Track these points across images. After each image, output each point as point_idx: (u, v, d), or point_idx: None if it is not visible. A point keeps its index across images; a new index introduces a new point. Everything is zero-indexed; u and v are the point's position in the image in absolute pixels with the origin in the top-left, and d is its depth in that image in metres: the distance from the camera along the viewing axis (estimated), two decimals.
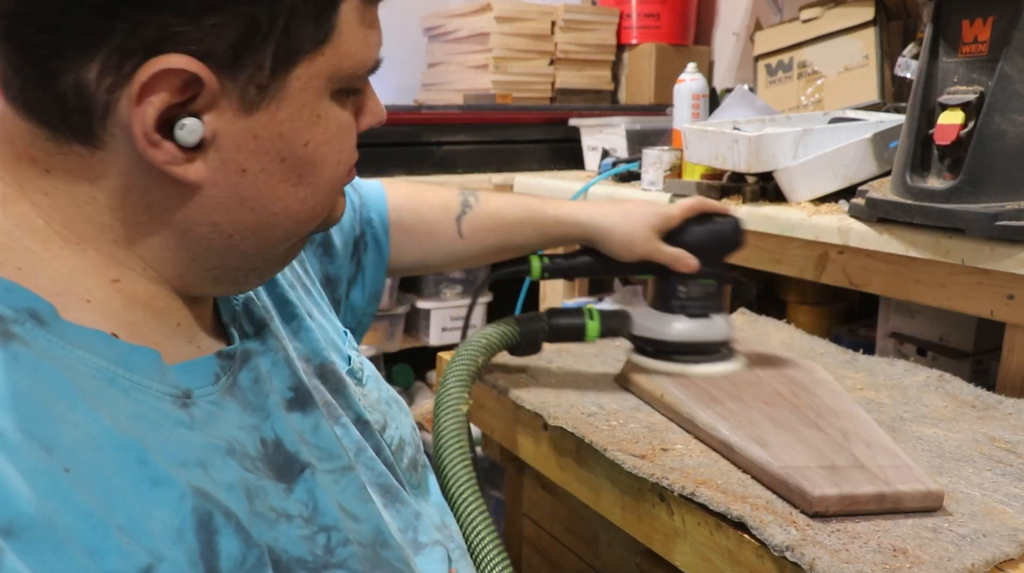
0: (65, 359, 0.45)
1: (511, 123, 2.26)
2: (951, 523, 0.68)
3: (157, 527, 0.44)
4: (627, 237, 0.93)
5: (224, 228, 0.51)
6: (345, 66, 0.51)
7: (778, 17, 2.23)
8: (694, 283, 0.95)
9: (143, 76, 0.44)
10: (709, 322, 0.96)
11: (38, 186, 0.49)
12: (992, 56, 1.04)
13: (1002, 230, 1.00)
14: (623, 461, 0.79)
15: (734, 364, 0.98)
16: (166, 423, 0.48)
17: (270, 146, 0.49)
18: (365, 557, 0.55)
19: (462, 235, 0.94)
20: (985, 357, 1.34)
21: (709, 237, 0.96)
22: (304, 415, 0.58)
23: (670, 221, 0.95)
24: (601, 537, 1.04)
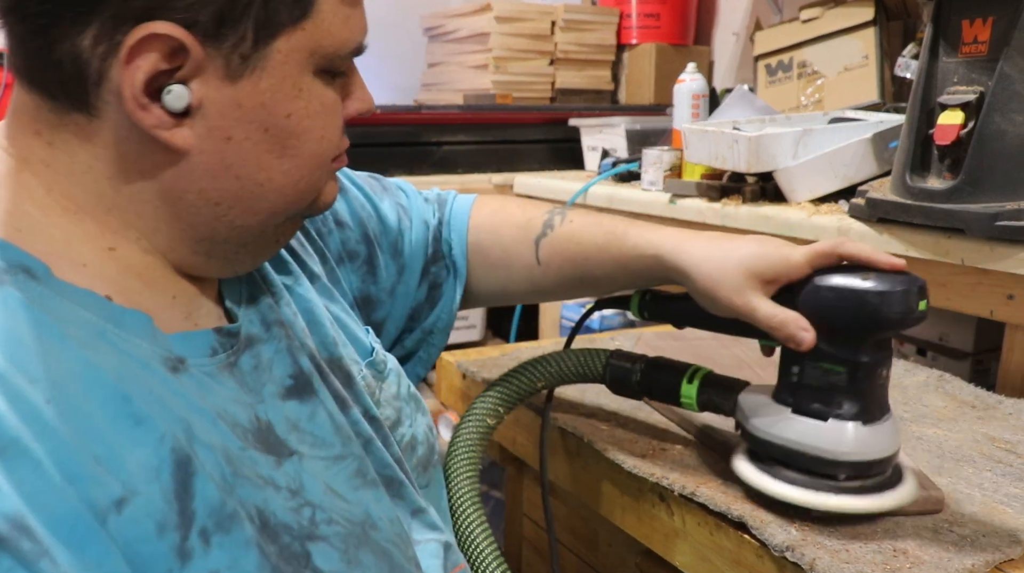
0: (56, 309, 0.47)
1: (511, 123, 2.27)
2: (951, 523, 0.68)
3: (134, 463, 0.46)
4: (711, 282, 0.70)
5: (211, 195, 0.53)
6: (326, 44, 0.53)
7: (778, 17, 2.23)
8: (812, 366, 0.67)
9: (131, 40, 0.47)
10: (818, 427, 0.66)
11: (40, 157, 0.51)
12: (992, 56, 1.04)
13: (1002, 230, 1.00)
14: (623, 461, 0.79)
15: (869, 499, 0.66)
16: (152, 379, 0.50)
17: (253, 115, 0.52)
18: (351, 535, 0.56)
19: (540, 261, 0.80)
20: (985, 357, 1.34)
21: (840, 300, 0.65)
22: (301, 403, 0.60)
23: (789, 269, 0.68)
24: (601, 537, 1.04)
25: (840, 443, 0.65)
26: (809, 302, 0.67)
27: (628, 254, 0.75)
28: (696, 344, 1.06)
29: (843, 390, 0.66)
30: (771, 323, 0.67)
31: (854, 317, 0.65)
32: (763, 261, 0.68)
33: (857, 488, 0.66)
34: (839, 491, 0.66)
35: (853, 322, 0.65)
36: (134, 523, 0.45)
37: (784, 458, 0.68)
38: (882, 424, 0.67)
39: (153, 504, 0.46)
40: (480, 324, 2.30)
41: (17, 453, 0.42)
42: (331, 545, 0.55)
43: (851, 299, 0.65)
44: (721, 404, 0.74)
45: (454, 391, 1.09)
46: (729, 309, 0.69)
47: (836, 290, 0.65)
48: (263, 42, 0.50)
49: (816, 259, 0.67)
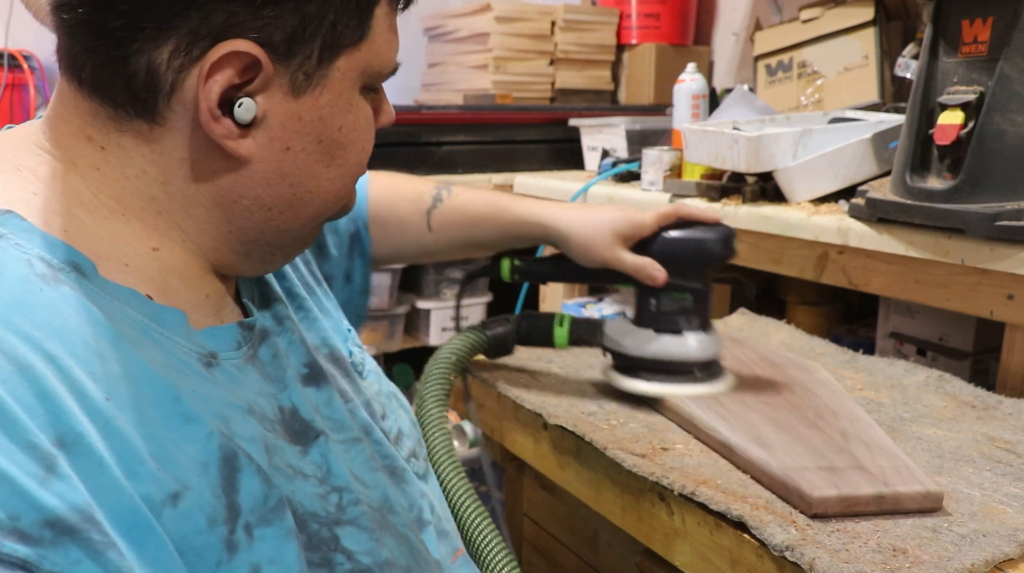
0: (106, 306, 0.49)
1: (511, 123, 2.26)
2: (951, 523, 0.68)
3: (185, 459, 0.48)
4: (585, 242, 0.90)
5: (265, 201, 0.56)
6: (374, 63, 0.57)
7: (778, 17, 2.23)
8: (666, 296, 0.90)
9: (214, 56, 0.50)
10: (679, 340, 0.90)
11: (91, 162, 0.53)
12: (992, 56, 1.04)
13: (1002, 230, 1.00)
14: (623, 460, 0.79)
15: (711, 387, 0.91)
16: (193, 376, 0.52)
17: (311, 128, 0.55)
18: (374, 518, 0.59)
19: (431, 229, 0.95)
20: (985, 357, 1.34)
21: (682, 246, 0.89)
22: (318, 390, 0.63)
23: (640, 229, 0.90)
24: (601, 537, 1.04)
25: (695, 349, 0.90)
26: (659, 250, 0.89)
27: (513, 222, 0.93)
28: None
29: (690, 310, 0.90)
30: (635, 267, 0.89)
31: (693, 257, 0.89)
32: (623, 223, 0.89)
33: (707, 378, 0.91)
34: (698, 381, 0.90)
35: (693, 260, 0.89)
36: (187, 517, 0.47)
37: (656, 367, 0.90)
38: (714, 334, 0.92)
39: (204, 499, 0.48)
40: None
41: (83, 448, 0.43)
42: (359, 526, 0.57)
43: (690, 245, 0.89)
44: (590, 338, 0.95)
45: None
46: (602, 261, 0.90)
47: (679, 239, 0.89)
48: (327, 61, 0.54)
49: (661, 219, 0.90)
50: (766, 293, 1.73)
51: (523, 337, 0.97)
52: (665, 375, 0.90)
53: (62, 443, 0.43)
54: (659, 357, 0.90)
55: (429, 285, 2.21)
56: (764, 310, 1.36)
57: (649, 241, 0.90)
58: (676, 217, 0.90)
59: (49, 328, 0.45)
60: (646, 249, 0.89)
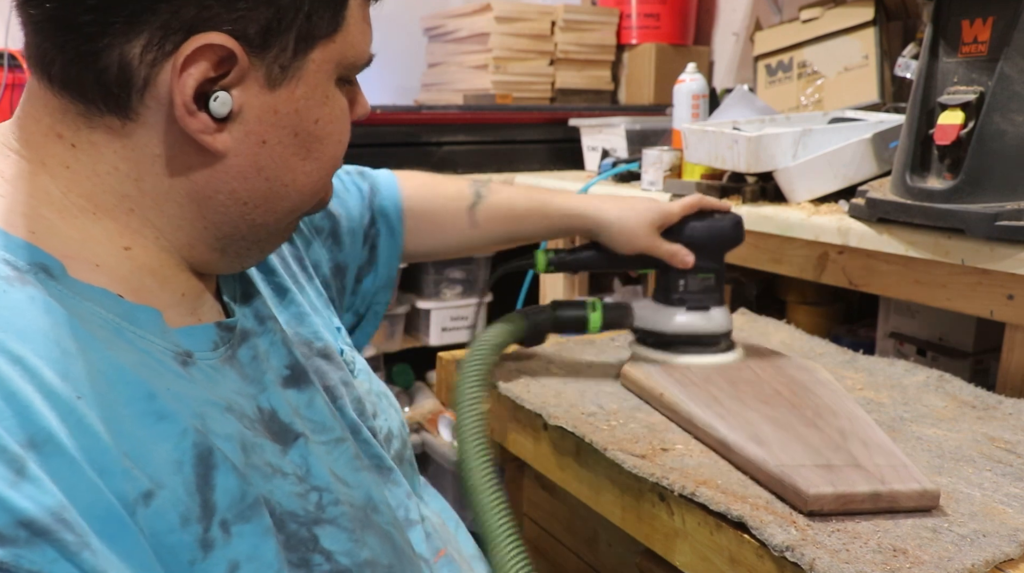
0: (76, 307, 0.49)
1: (511, 123, 2.26)
2: (951, 523, 0.68)
3: (158, 457, 0.47)
4: (628, 231, 0.97)
5: (240, 195, 0.55)
6: (349, 55, 0.57)
7: (778, 17, 2.23)
8: (693, 277, 0.99)
9: (187, 50, 0.49)
10: (707, 315, 0.99)
11: (61, 160, 0.52)
12: (992, 56, 1.04)
13: (1002, 230, 1.00)
14: (623, 461, 0.79)
15: (732, 356, 1.01)
16: (168, 374, 0.51)
17: (287, 120, 0.55)
18: (355, 517, 0.58)
19: (474, 224, 0.98)
20: (985, 357, 1.34)
21: (707, 233, 0.99)
22: (299, 391, 0.62)
23: (670, 218, 0.98)
24: (601, 537, 1.04)
25: (721, 322, 1.00)
26: (687, 236, 0.99)
27: (556, 214, 0.99)
28: None
29: (713, 289, 1.00)
30: (670, 253, 0.98)
31: (715, 241, 1.00)
32: (656, 214, 0.97)
33: (727, 348, 1.01)
34: (721, 351, 1.00)
35: (715, 245, 1.00)
36: (160, 515, 0.46)
37: (690, 341, 1.00)
38: (727, 310, 1.02)
39: (177, 497, 0.47)
40: (480, 324, 2.30)
41: (54, 448, 0.43)
42: (338, 526, 0.57)
43: (711, 230, 0.99)
44: (621, 321, 1.02)
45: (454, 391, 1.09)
46: (642, 248, 0.98)
47: (703, 226, 0.99)
48: (302, 53, 0.53)
49: (685, 210, 0.99)
50: (766, 293, 1.73)
51: (558, 324, 1.01)
52: (696, 347, 0.99)
53: (32, 444, 0.42)
54: (694, 332, 0.99)
55: (429, 285, 2.21)
56: (764, 310, 1.36)
57: (676, 229, 0.99)
58: (697, 207, 0.99)
59: (12, 329, 0.45)
60: (675, 236, 0.99)
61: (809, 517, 0.68)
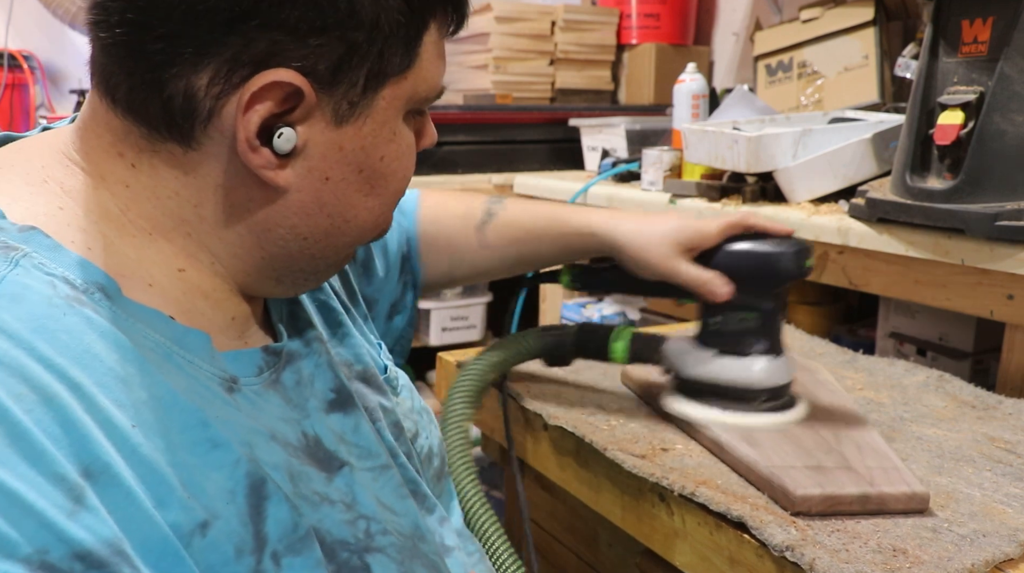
0: (130, 330, 0.48)
1: (511, 123, 2.26)
2: (951, 523, 0.68)
3: (212, 487, 0.46)
4: (643, 252, 0.83)
5: (301, 231, 0.54)
6: (421, 90, 0.55)
7: (778, 17, 2.23)
8: (729, 314, 0.81)
9: (254, 86, 0.48)
10: (742, 362, 0.81)
11: (120, 178, 0.51)
12: (992, 56, 1.04)
13: (1002, 230, 1.00)
14: (623, 461, 0.79)
15: (776, 416, 0.82)
16: (216, 401, 0.50)
17: (352, 158, 0.53)
18: (404, 547, 0.57)
19: (483, 245, 0.90)
20: (985, 357, 1.34)
21: (747, 261, 0.81)
22: (345, 415, 0.60)
23: (704, 238, 0.82)
24: (601, 537, 1.04)
25: (758, 373, 0.81)
26: (724, 263, 0.81)
27: (567, 233, 0.87)
28: None
29: (756, 332, 0.81)
30: (696, 282, 0.81)
31: (761, 273, 0.81)
32: (684, 233, 0.82)
33: (772, 408, 0.82)
34: (760, 411, 0.81)
35: (760, 277, 0.81)
36: (215, 547, 0.45)
37: (716, 391, 0.82)
38: (783, 357, 0.83)
39: (231, 528, 0.46)
40: (480, 324, 2.30)
41: (111, 478, 0.42)
42: (388, 556, 0.55)
43: (757, 259, 0.80)
44: (649, 355, 0.87)
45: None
46: (659, 273, 0.83)
47: (746, 253, 0.81)
48: (372, 90, 0.52)
49: (726, 230, 0.82)
50: None
51: (579, 349, 0.90)
52: (727, 401, 0.82)
53: (89, 473, 0.41)
54: (720, 380, 0.82)
55: None
56: None
57: (713, 253, 0.82)
58: (743, 227, 0.82)
59: (72, 354, 0.44)
60: (709, 261, 0.82)
61: (808, 517, 0.68)
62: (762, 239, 0.81)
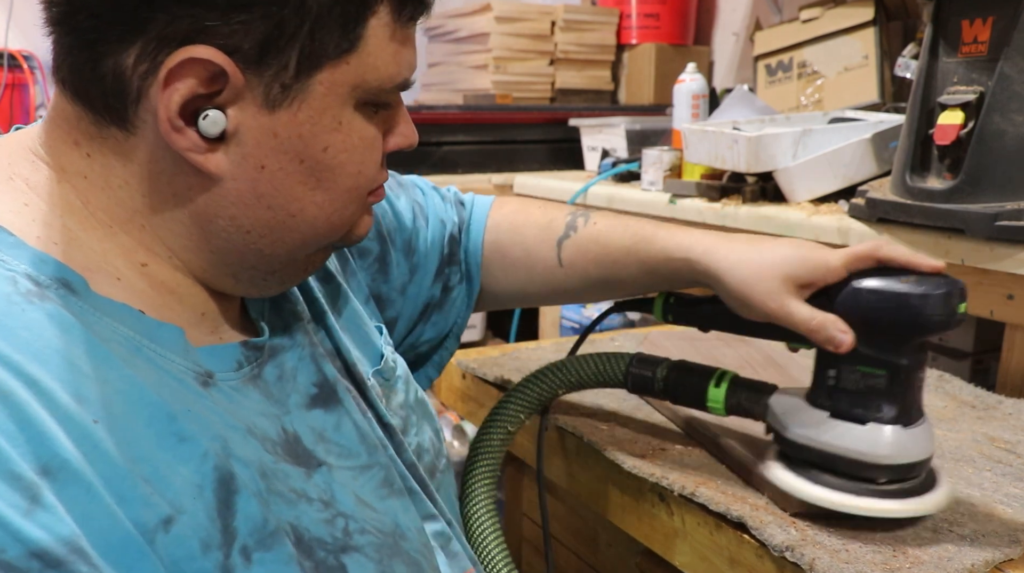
0: (96, 325, 0.47)
1: (511, 123, 2.26)
2: (951, 523, 0.68)
3: (179, 481, 0.46)
4: (744, 287, 0.68)
5: (242, 223, 0.52)
6: (370, 78, 0.52)
7: (778, 17, 2.23)
8: (850, 369, 0.66)
9: (171, 63, 0.47)
10: (860, 431, 0.65)
11: (78, 169, 0.51)
12: (992, 56, 1.04)
13: (1002, 230, 1.00)
14: (623, 461, 0.79)
15: (902, 503, 0.65)
16: (188, 394, 0.50)
17: (289, 146, 0.51)
18: (384, 545, 0.56)
19: (561, 263, 0.79)
20: (985, 357, 1.34)
21: (878, 303, 0.64)
22: (326, 412, 0.59)
23: (825, 273, 0.66)
24: (601, 537, 1.04)
25: (880, 446, 0.64)
26: (848, 305, 0.65)
27: (656, 257, 0.74)
28: (701, 345, 1.06)
29: (882, 393, 0.65)
30: (809, 326, 0.66)
31: (895, 320, 0.64)
32: (800, 265, 0.67)
33: (896, 491, 0.65)
34: (879, 495, 0.65)
35: (894, 325, 0.64)
36: (180, 542, 0.45)
37: (823, 462, 0.66)
38: (919, 427, 0.66)
39: (198, 522, 0.46)
40: (480, 324, 2.30)
41: (69, 475, 0.42)
42: (365, 556, 0.55)
43: (892, 301, 0.63)
44: (751, 408, 0.72)
45: (454, 391, 1.09)
46: (764, 314, 0.68)
47: (877, 293, 0.64)
48: (305, 73, 0.49)
49: (853, 262, 0.66)
50: None
51: (668, 390, 0.77)
52: (837, 477, 0.66)
53: (46, 471, 0.41)
54: (829, 450, 0.66)
55: None
56: None
57: (836, 290, 0.66)
58: (875, 260, 0.66)
59: (30, 350, 0.43)
60: (830, 302, 0.66)
61: (808, 518, 0.68)
62: (900, 276, 0.64)
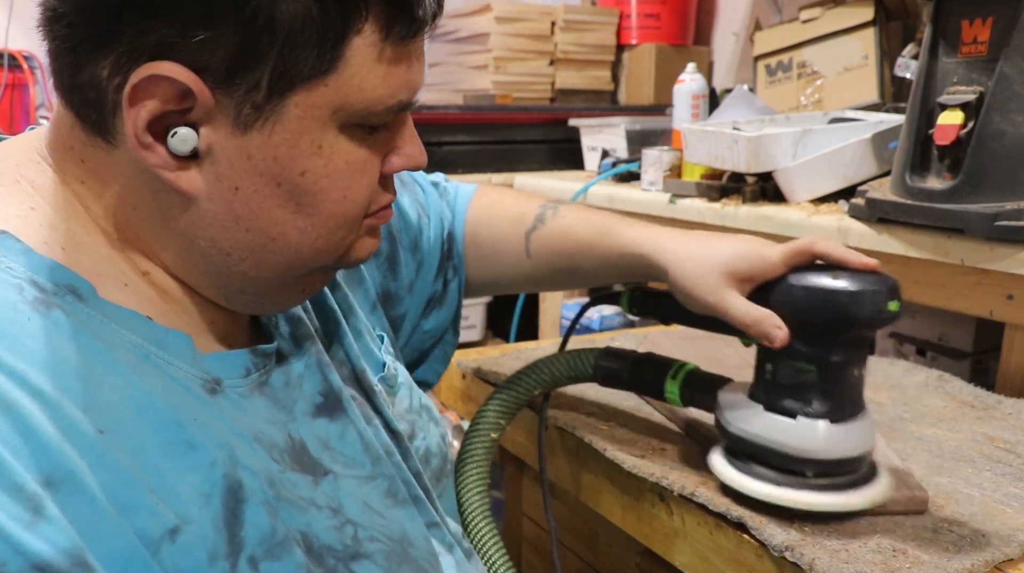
0: (103, 332, 0.47)
1: (511, 123, 2.27)
2: (951, 523, 0.68)
3: (186, 490, 0.46)
4: (686, 280, 0.69)
5: (222, 245, 0.51)
6: (354, 101, 0.49)
7: (778, 17, 2.23)
8: (783, 363, 0.67)
9: (135, 79, 0.46)
10: (790, 425, 0.66)
11: (75, 174, 0.50)
12: (991, 56, 1.04)
13: (1001, 230, 1.00)
14: (623, 461, 0.79)
15: (832, 497, 0.66)
16: (195, 402, 0.49)
17: (264, 168, 0.49)
18: (392, 553, 0.56)
19: (529, 254, 0.81)
20: (984, 357, 1.34)
21: (810, 299, 0.65)
22: (331, 421, 0.59)
23: (764, 267, 0.67)
24: (601, 537, 1.04)
25: (809, 440, 0.65)
26: (782, 300, 0.66)
27: (615, 251, 0.75)
28: (702, 343, 1.06)
29: (813, 388, 0.65)
30: (744, 321, 0.67)
31: (825, 316, 0.64)
32: (741, 260, 0.68)
33: (826, 485, 0.66)
34: (808, 488, 0.66)
35: (824, 321, 0.64)
36: (186, 552, 0.45)
37: (755, 454, 0.68)
38: (853, 423, 0.66)
39: (204, 532, 0.46)
40: (480, 324, 2.30)
41: (73, 486, 0.41)
42: (375, 563, 0.55)
43: (822, 298, 0.64)
44: (703, 399, 0.75)
45: (454, 391, 1.09)
46: (704, 307, 0.69)
47: (808, 289, 0.65)
48: (278, 94, 0.47)
49: (791, 258, 0.67)
50: None
51: (633, 382, 0.80)
52: (769, 469, 0.67)
53: (49, 482, 0.40)
54: (760, 442, 0.67)
55: None
56: None
57: (773, 285, 0.67)
58: (811, 255, 0.66)
59: (36, 360, 0.43)
60: (767, 297, 0.67)
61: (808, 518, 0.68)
62: (834, 272, 0.65)
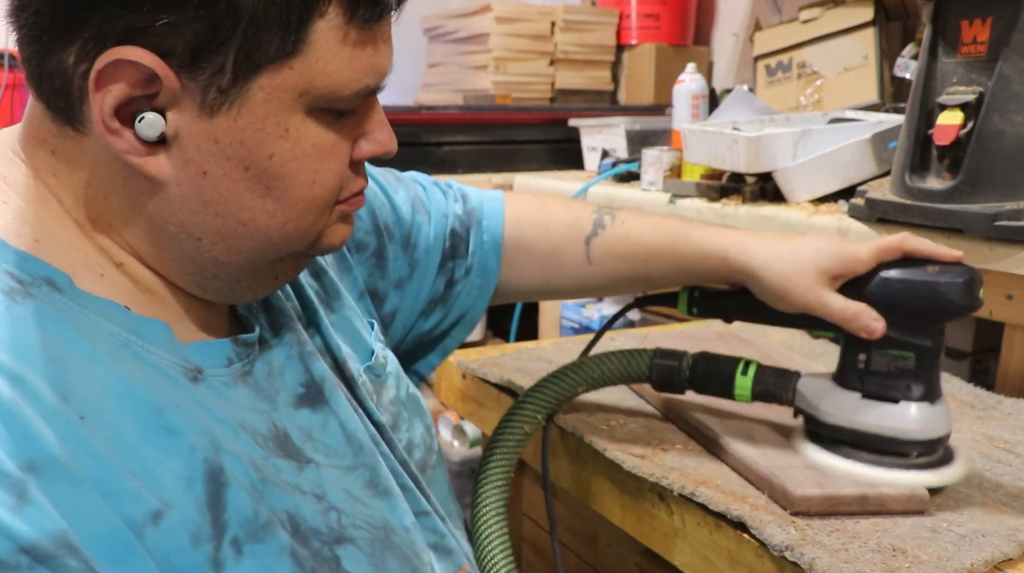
0: (80, 321, 0.47)
1: (511, 123, 2.27)
2: (950, 523, 0.68)
3: (168, 475, 0.46)
4: (781, 280, 0.72)
5: (191, 230, 0.51)
6: (320, 84, 0.50)
7: (778, 17, 2.23)
8: (880, 353, 0.71)
9: (100, 64, 0.46)
10: (892, 410, 0.71)
11: (48, 167, 0.51)
12: (991, 56, 1.04)
13: (1001, 230, 1.00)
14: (623, 461, 0.79)
15: (930, 474, 0.71)
16: (176, 389, 0.50)
17: (231, 152, 0.49)
18: (376, 539, 0.57)
19: (591, 260, 0.81)
20: (984, 357, 1.34)
21: (907, 291, 0.70)
22: (313, 412, 0.59)
23: (854, 265, 0.71)
24: (601, 537, 1.04)
25: (912, 422, 0.70)
26: (879, 294, 0.71)
27: (691, 256, 0.77)
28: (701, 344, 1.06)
29: (911, 374, 0.70)
30: (844, 315, 0.71)
31: (924, 306, 0.70)
32: (831, 258, 0.72)
33: (925, 464, 0.71)
34: (911, 468, 0.71)
35: (923, 311, 0.70)
36: (170, 535, 0.45)
37: (857, 441, 0.72)
38: (942, 403, 0.72)
39: (187, 516, 0.46)
40: (480, 324, 2.30)
41: (57, 472, 0.42)
42: (359, 548, 0.55)
43: (921, 289, 0.69)
44: (778, 393, 0.77)
45: (454, 391, 1.09)
46: (802, 305, 0.72)
47: (906, 282, 0.70)
48: (243, 77, 0.48)
49: (882, 254, 0.71)
50: None
51: (695, 381, 0.80)
52: (871, 454, 0.72)
53: (32, 467, 0.41)
54: (864, 429, 0.71)
55: None
56: None
57: (864, 281, 0.72)
58: (901, 252, 0.71)
59: (14, 348, 0.43)
60: (860, 291, 0.72)
61: (808, 517, 0.68)
62: (924, 266, 0.70)
